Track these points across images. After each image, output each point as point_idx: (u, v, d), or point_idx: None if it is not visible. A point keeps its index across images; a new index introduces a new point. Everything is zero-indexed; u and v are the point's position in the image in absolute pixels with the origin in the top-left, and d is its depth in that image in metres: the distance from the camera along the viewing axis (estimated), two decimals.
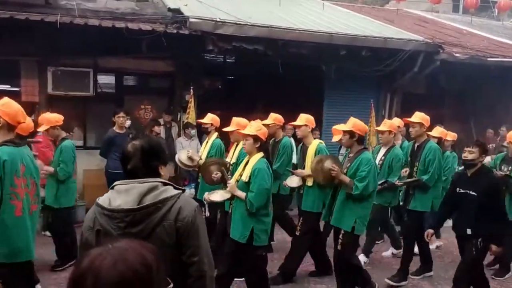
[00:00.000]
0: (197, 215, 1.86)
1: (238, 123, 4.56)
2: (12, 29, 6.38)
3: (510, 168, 5.17)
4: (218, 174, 4.70)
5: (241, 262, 4.00)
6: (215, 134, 5.50)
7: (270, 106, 6.59)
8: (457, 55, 8.42)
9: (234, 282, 4.76)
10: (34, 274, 4.24)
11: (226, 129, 4.81)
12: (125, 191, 1.80)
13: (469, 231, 3.91)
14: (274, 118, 5.52)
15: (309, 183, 4.79)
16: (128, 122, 6.93)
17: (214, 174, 4.68)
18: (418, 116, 5.03)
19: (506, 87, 9.55)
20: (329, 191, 4.46)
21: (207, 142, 5.53)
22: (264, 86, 9.48)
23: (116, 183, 1.86)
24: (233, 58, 9.30)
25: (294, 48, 7.53)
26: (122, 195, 1.80)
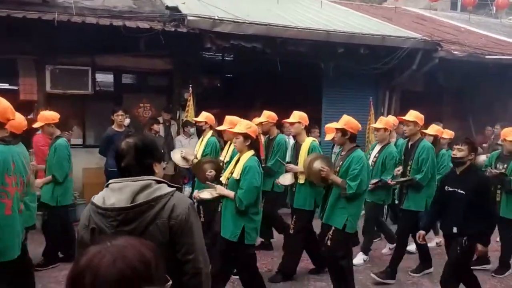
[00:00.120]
0: (191, 213, 1.85)
1: (231, 122, 4.49)
2: (10, 28, 6.36)
3: (506, 166, 5.13)
4: (212, 173, 4.70)
5: (233, 260, 4.01)
6: (210, 133, 5.49)
7: (269, 104, 6.59)
8: (455, 53, 8.43)
9: (234, 280, 4.78)
10: (33, 275, 4.23)
11: (219, 128, 4.80)
12: (119, 190, 1.80)
13: (455, 230, 3.86)
14: (268, 116, 5.51)
15: (301, 181, 4.76)
16: (127, 121, 6.94)
17: (208, 172, 4.67)
18: (413, 115, 5.01)
19: (504, 85, 9.56)
20: (322, 190, 4.43)
21: (202, 141, 5.52)
22: (263, 84, 9.47)
23: (110, 181, 1.87)
24: (232, 56, 9.30)
25: (292, 46, 7.53)
26: (116, 194, 1.80)
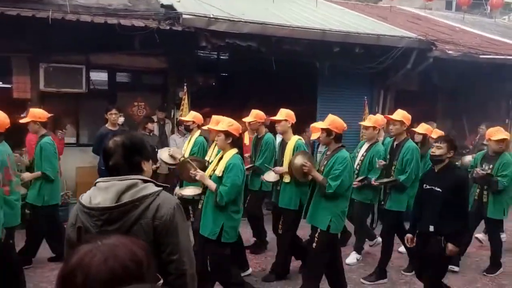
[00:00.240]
0: (176, 213, 1.83)
1: (217, 121, 4.45)
2: (3, 25, 6.30)
3: (491, 167, 5.12)
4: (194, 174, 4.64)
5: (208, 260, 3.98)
6: (198, 132, 5.46)
7: (264, 103, 6.58)
8: (450, 52, 8.46)
9: None
10: (22, 276, 4.21)
11: (205, 127, 4.77)
12: (105, 189, 1.79)
13: (432, 228, 3.81)
14: (255, 115, 5.46)
15: (286, 180, 4.72)
16: (122, 119, 6.91)
17: (192, 171, 4.64)
18: (400, 114, 4.99)
19: (498, 84, 9.62)
20: (307, 189, 4.36)
21: (190, 140, 5.50)
22: (258, 83, 9.47)
23: (98, 180, 1.86)
24: (227, 55, 9.28)
25: (288, 45, 7.52)
26: (102, 193, 1.79)
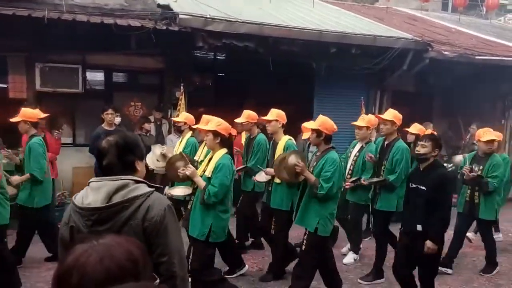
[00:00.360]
0: (167, 214, 1.81)
1: (207, 120, 4.42)
2: None
3: (481, 168, 5.10)
4: (184, 171, 4.61)
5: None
6: (190, 133, 5.45)
7: (260, 104, 6.59)
8: (446, 53, 8.49)
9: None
10: (17, 276, 4.20)
11: (195, 126, 4.75)
12: (96, 189, 1.79)
13: (420, 228, 3.79)
14: (247, 116, 5.42)
15: (278, 180, 4.70)
16: (118, 119, 6.89)
17: (181, 170, 4.55)
18: (391, 114, 4.97)
19: (494, 85, 9.67)
20: (298, 190, 4.30)
21: (181, 141, 5.49)
22: (255, 84, 9.47)
23: (91, 180, 1.85)
24: (224, 55, 9.28)
25: (285, 46, 7.52)
26: (93, 193, 1.79)
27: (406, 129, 5.92)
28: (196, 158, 4.88)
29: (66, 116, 7.74)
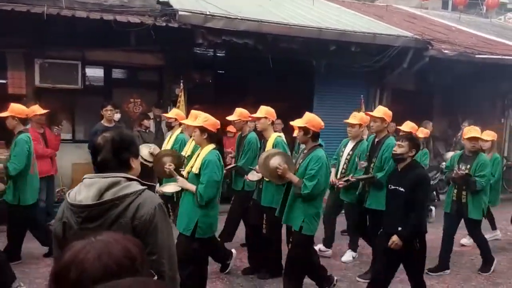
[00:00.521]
0: (157, 213, 1.79)
1: (195, 116, 4.35)
2: None
3: (469, 167, 5.05)
4: (172, 166, 4.52)
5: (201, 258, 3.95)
6: (179, 129, 5.43)
7: (260, 101, 6.56)
8: (446, 52, 8.48)
9: (224, 277, 4.78)
10: (10, 271, 4.18)
11: (183, 121, 4.70)
12: (89, 186, 1.78)
13: (401, 229, 3.71)
14: (239, 114, 5.35)
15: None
16: (118, 116, 6.89)
17: (167, 166, 4.52)
18: (381, 111, 4.93)
19: (494, 84, 9.67)
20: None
21: (170, 137, 5.47)
22: (254, 81, 9.45)
23: (85, 176, 1.85)
24: (223, 52, 9.26)
25: (284, 43, 7.51)
26: (86, 190, 1.78)
27: (398, 127, 5.89)
28: (184, 153, 4.84)
29: (66, 112, 7.72)
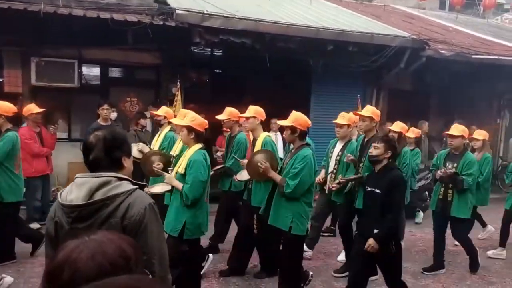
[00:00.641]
0: (147, 213, 1.76)
1: (184, 115, 4.26)
2: None
3: (455, 165, 5.01)
4: (160, 165, 4.51)
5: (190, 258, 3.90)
6: (168, 127, 5.41)
7: (257, 100, 6.56)
8: (443, 52, 8.50)
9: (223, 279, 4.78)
10: None
11: (171, 120, 4.67)
12: (80, 185, 1.77)
13: (376, 232, 3.66)
14: (229, 113, 5.25)
15: None
16: (114, 115, 6.86)
17: (156, 165, 4.48)
18: (369, 110, 4.91)
19: (490, 84, 9.70)
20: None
21: (160, 135, 5.46)
22: (251, 80, 9.44)
23: (77, 176, 1.84)
24: (221, 51, 9.25)
25: (282, 42, 7.51)
26: (77, 189, 1.77)
27: (388, 127, 5.88)
28: (172, 153, 4.82)
29: (62, 111, 7.70)
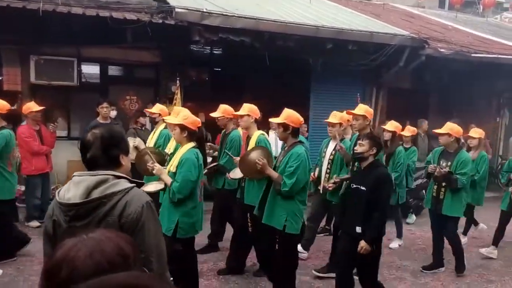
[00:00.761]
0: (145, 211, 1.76)
1: (178, 113, 4.26)
2: None
3: (449, 164, 4.99)
4: (152, 165, 4.50)
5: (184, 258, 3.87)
6: (163, 125, 5.39)
7: (257, 99, 6.56)
8: (442, 51, 8.50)
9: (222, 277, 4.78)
10: None
11: (165, 118, 4.66)
12: (77, 184, 1.77)
13: (359, 230, 3.67)
14: (223, 111, 5.21)
15: None
16: (114, 113, 6.86)
17: (150, 164, 4.45)
18: (362, 109, 4.89)
19: (489, 83, 9.70)
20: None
21: (155, 132, 5.47)
22: (251, 79, 9.45)
23: (74, 174, 1.83)
24: (220, 50, 9.24)
25: (281, 41, 7.50)
26: (74, 188, 1.77)
27: (383, 127, 5.87)
28: (167, 151, 4.81)
29: (61, 109, 7.70)
